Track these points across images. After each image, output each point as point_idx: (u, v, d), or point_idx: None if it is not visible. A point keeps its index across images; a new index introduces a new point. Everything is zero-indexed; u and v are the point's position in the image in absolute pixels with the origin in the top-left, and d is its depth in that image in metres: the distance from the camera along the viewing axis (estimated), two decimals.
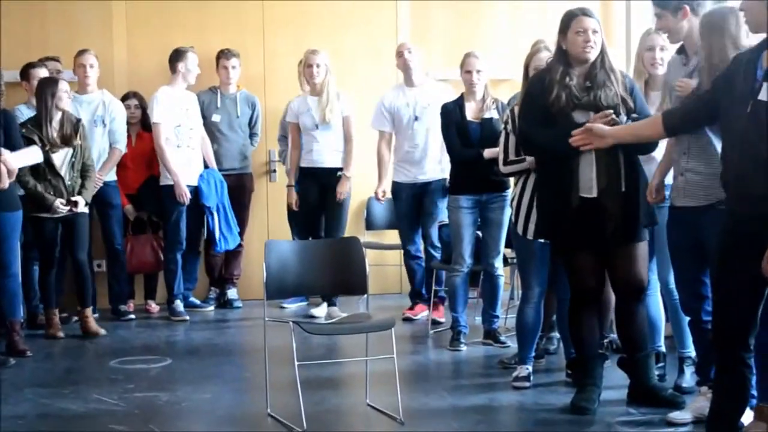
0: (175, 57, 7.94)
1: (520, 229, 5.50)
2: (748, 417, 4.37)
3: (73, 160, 7.05)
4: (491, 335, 6.67)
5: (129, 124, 7.96)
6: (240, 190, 8.23)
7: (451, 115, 6.60)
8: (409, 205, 7.46)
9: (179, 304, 7.94)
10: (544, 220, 5.21)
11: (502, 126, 5.77)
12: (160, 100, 7.81)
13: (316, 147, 7.64)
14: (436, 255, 7.33)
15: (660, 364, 5.45)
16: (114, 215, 7.66)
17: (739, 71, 4.09)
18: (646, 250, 5.07)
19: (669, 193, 4.92)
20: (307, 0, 8.70)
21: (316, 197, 7.73)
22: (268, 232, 8.47)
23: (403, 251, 7.66)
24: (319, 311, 7.66)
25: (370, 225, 8.57)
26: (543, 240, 5.38)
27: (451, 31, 8.85)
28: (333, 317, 6.71)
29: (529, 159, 5.45)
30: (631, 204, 4.93)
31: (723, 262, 4.17)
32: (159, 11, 8.55)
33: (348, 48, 8.64)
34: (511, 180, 6.01)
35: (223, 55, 8.23)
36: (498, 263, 6.57)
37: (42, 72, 7.46)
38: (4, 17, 8.27)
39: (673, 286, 5.17)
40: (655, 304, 5.42)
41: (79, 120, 7.21)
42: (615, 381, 5.34)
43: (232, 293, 8.40)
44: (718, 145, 4.38)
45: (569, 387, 5.42)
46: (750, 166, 3.98)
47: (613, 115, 4.80)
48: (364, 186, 8.01)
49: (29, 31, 8.34)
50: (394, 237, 8.17)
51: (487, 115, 6.56)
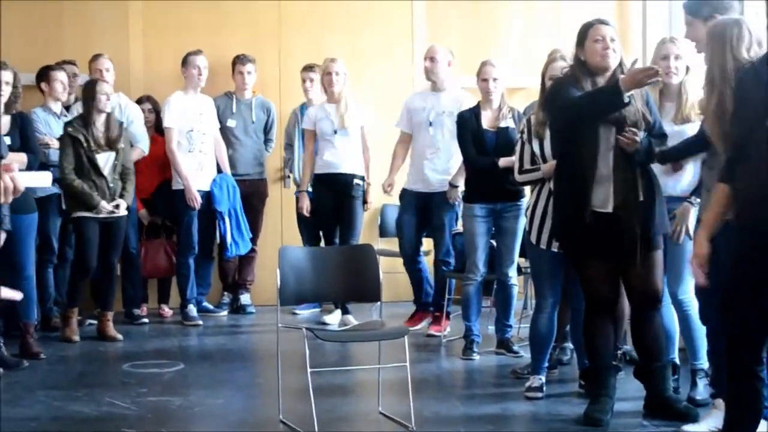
0: (183, 62, 8.00)
1: (533, 238, 5.49)
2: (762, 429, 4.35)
3: (115, 162, 7.10)
4: (504, 345, 6.65)
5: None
6: (254, 195, 8.24)
7: (468, 123, 6.58)
8: (413, 213, 7.36)
9: (192, 309, 7.95)
10: (559, 227, 5.19)
11: (518, 135, 5.76)
12: (172, 105, 7.85)
13: (333, 152, 7.61)
14: (447, 268, 7.29)
15: (674, 377, 5.42)
16: (129, 219, 7.68)
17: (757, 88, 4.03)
18: (661, 258, 5.04)
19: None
20: (323, 2, 8.73)
21: (330, 203, 7.71)
22: (282, 237, 8.47)
23: (402, 258, 7.53)
24: (332, 318, 7.65)
25: (383, 232, 8.57)
26: (557, 249, 5.36)
27: (466, 38, 8.85)
28: (346, 325, 6.70)
29: (544, 168, 5.44)
30: (648, 213, 4.91)
31: (736, 277, 4.14)
32: (175, 15, 8.60)
33: (363, 51, 8.66)
34: (527, 189, 5.98)
35: (238, 60, 8.25)
36: (512, 272, 6.55)
37: (61, 75, 7.49)
38: (20, 20, 8.33)
39: (682, 297, 5.15)
40: (670, 315, 5.39)
41: (122, 123, 7.26)
42: (628, 392, 5.33)
43: (245, 299, 8.40)
44: None
45: (582, 398, 5.39)
46: None
47: (637, 135, 4.77)
48: (378, 193, 8.01)
49: (46, 34, 8.39)
50: None
51: (503, 123, 6.55)
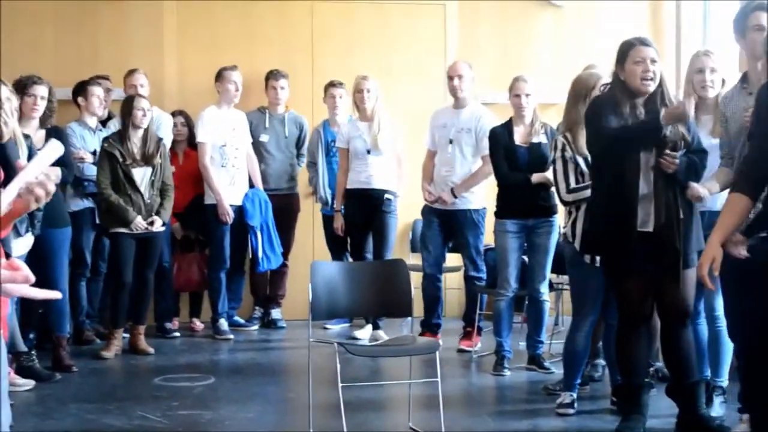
0: (217, 77, 8.06)
1: (587, 257, 5.33)
2: None
3: (152, 178, 7.15)
4: (535, 361, 6.62)
5: (175, 141, 8.04)
6: (286, 210, 8.26)
7: (500, 138, 6.58)
8: (434, 232, 7.31)
9: (223, 323, 7.97)
10: (598, 244, 5.11)
11: (558, 154, 5.55)
12: (205, 120, 7.90)
13: (366, 171, 7.59)
14: (479, 282, 7.26)
15: (707, 393, 5.37)
16: (162, 233, 7.72)
17: None
18: (694, 275, 4.98)
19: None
20: (356, 18, 8.76)
21: (361, 217, 7.70)
22: (313, 252, 8.48)
23: (422, 273, 7.40)
24: (363, 333, 7.64)
25: (415, 247, 8.55)
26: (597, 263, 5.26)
27: (498, 54, 8.85)
28: (377, 340, 6.69)
29: None
30: (686, 230, 4.86)
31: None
32: (208, 30, 8.67)
33: (396, 68, 8.68)
34: (561, 206, 5.91)
35: (272, 75, 8.29)
36: (543, 288, 6.53)
37: (98, 90, 7.56)
38: (55, 35, 8.43)
39: (718, 312, 5.11)
40: (704, 332, 5.34)
41: (161, 139, 7.31)
42: (660, 410, 5.28)
43: (277, 313, 8.41)
44: None
45: (614, 415, 5.35)
46: None
47: (676, 158, 4.74)
48: (410, 208, 8.01)
49: (81, 49, 8.48)
50: None
51: (535, 139, 6.53)
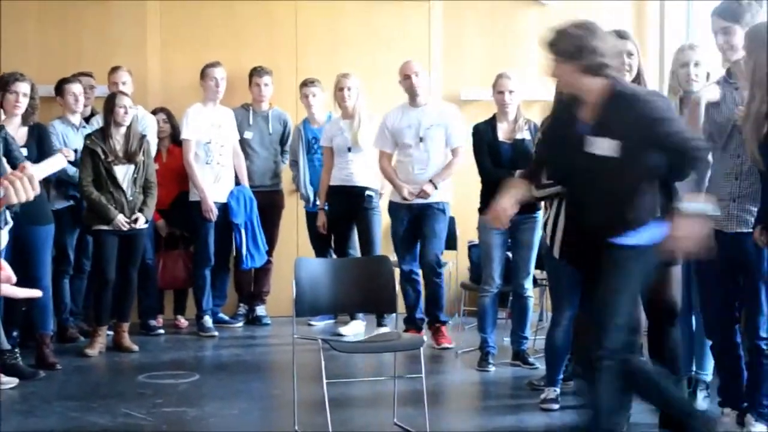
0: (201, 74, 8.06)
1: (556, 252, 5.44)
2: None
3: (135, 176, 7.14)
4: (520, 356, 6.64)
5: (159, 139, 8.02)
6: (270, 207, 8.25)
7: (483, 135, 6.59)
8: (405, 227, 7.29)
9: (208, 320, 7.96)
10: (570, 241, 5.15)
11: (533, 149, 5.74)
12: (190, 117, 7.89)
13: (347, 168, 7.60)
14: (438, 281, 7.25)
15: (690, 389, 5.40)
16: (145, 231, 7.70)
17: None
18: (679, 273, 5.01)
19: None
20: (340, 16, 8.76)
21: (344, 213, 7.71)
22: (298, 248, 8.47)
23: (400, 271, 7.29)
24: (347, 329, 7.63)
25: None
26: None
27: (483, 51, 8.84)
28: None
29: None
30: None
31: None
32: (192, 28, 8.64)
33: (380, 65, 8.66)
34: (542, 202, 5.95)
35: (255, 72, 8.28)
36: (528, 284, 6.55)
37: (74, 87, 7.52)
38: (39, 32, 8.41)
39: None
40: (691, 329, 5.37)
41: (144, 136, 7.30)
42: (644, 405, 5.29)
43: (261, 310, 8.41)
44: None
45: None
46: None
47: None
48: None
49: (64, 46, 8.45)
50: None
51: (519, 135, 6.56)
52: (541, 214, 6.11)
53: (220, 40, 8.62)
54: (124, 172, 7.10)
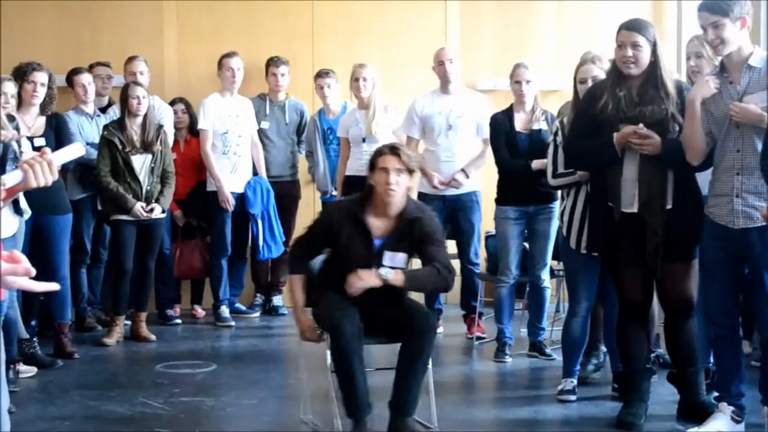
0: (218, 64, 8.06)
1: (572, 243, 5.45)
2: None
3: (152, 165, 7.16)
4: (536, 347, 6.63)
5: (177, 129, 8.03)
6: (287, 197, 8.24)
7: (500, 125, 6.57)
8: (440, 218, 7.23)
9: (225, 310, 7.97)
10: (593, 233, 5.19)
11: (551, 138, 5.74)
12: (207, 107, 7.90)
13: (364, 158, 7.54)
14: (476, 272, 7.24)
15: (708, 381, 5.38)
16: (162, 220, 7.72)
17: None
18: (695, 267, 4.99)
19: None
20: (356, 7, 8.74)
21: None
22: None
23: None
24: None
25: None
26: (593, 253, 5.33)
27: (499, 41, 8.82)
28: None
29: (580, 172, 5.41)
30: (679, 222, 4.86)
31: None
32: (209, 18, 8.65)
33: (397, 55, 8.65)
34: (559, 192, 5.94)
35: (272, 62, 8.27)
36: (544, 275, 6.53)
37: (85, 78, 7.52)
38: (56, 22, 8.43)
39: None
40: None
41: (161, 126, 7.31)
42: (662, 396, 5.29)
43: (278, 300, 8.41)
44: None
45: (615, 401, 5.37)
46: None
47: (643, 130, 4.75)
48: (412, 195, 7.98)
49: (81, 36, 8.47)
50: None
51: (536, 126, 6.53)
52: (558, 204, 6.10)
53: (237, 30, 8.62)
54: (141, 162, 7.12)
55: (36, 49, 7.73)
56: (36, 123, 6.60)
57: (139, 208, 7.02)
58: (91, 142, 7.31)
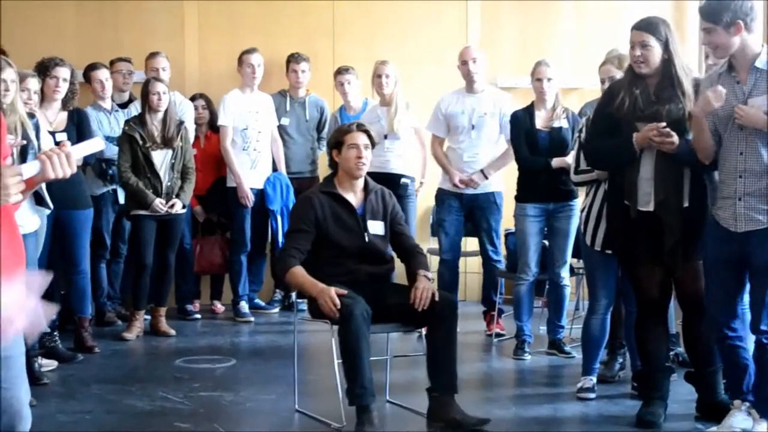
0: (239, 60, 8.08)
1: (588, 239, 5.46)
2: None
3: (173, 161, 7.18)
4: (556, 345, 6.63)
5: (197, 125, 8.06)
6: None
7: (521, 122, 6.56)
8: (454, 216, 7.21)
9: (244, 306, 8.00)
10: (610, 231, 5.19)
11: (576, 135, 5.75)
12: (227, 103, 7.92)
13: (382, 155, 7.55)
14: (498, 268, 7.23)
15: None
16: (183, 216, 7.74)
17: None
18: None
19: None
20: (377, 3, 8.75)
21: None
22: None
23: (439, 259, 7.33)
24: None
25: (435, 231, 8.53)
26: (609, 251, 5.33)
27: (519, 39, 8.83)
28: None
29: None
30: (696, 221, 4.85)
31: None
32: (229, 14, 8.68)
33: (417, 52, 8.65)
34: (581, 190, 5.94)
35: (293, 59, 8.28)
36: (564, 273, 6.53)
37: (102, 73, 7.57)
38: (78, 18, 8.47)
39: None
40: None
41: (182, 122, 7.33)
42: (681, 395, 5.27)
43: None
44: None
45: (635, 400, 5.35)
46: None
47: (665, 128, 4.73)
48: (430, 192, 7.99)
49: (102, 32, 8.52)
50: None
51: (556, 124, 6.51)
52: (579, 202, 6.09)
53: (257, 26, 8.65)
54: (161, 158, 7.14)
55: (57, 47, 7.72)
56: (58, 118, 6.64)
57: (158, 204, 7.04)
58: (109, 137, 7.35)
